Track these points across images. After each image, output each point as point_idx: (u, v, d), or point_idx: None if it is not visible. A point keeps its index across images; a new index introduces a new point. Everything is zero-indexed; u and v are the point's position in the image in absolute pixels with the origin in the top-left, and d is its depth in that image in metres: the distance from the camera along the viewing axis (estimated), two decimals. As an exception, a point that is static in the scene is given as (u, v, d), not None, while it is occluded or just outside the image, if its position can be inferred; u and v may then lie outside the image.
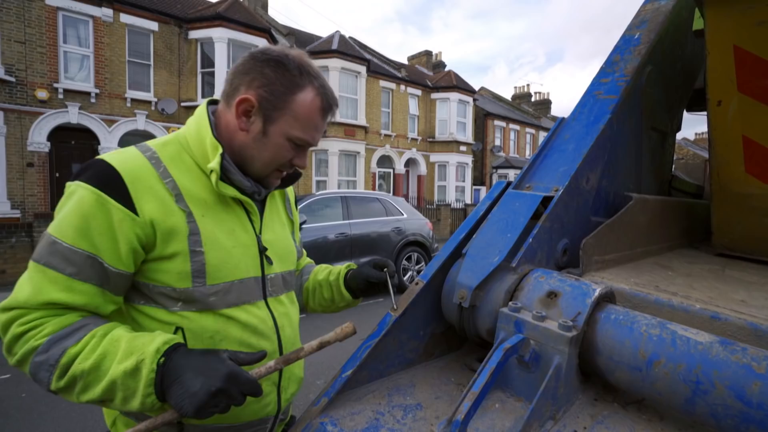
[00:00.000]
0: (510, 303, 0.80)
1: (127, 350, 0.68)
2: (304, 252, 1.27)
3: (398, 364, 0.91)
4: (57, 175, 11.05)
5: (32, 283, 0.69)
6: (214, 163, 0.81)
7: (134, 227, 0.74)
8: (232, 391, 0.68)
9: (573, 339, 0.70)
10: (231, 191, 0.86)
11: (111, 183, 0.74)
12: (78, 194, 0.73)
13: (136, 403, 0.68)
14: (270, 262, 0.94)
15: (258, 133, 0.85)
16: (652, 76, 1.33)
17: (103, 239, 0.72)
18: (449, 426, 0.60)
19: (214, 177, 0.82)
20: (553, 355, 0.71)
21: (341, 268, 1.16)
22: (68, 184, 0.76)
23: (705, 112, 1.47)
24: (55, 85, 10.58)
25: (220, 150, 0.83)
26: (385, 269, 1.05)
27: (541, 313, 0.74)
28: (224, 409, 0.69)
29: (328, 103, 0.89)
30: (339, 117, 15.48)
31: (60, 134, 10.94)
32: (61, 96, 10.68)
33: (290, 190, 1.15)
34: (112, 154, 0.79)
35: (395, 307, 0.91)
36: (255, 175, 0.91)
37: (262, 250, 0.93)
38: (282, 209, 1.09)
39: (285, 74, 0.84)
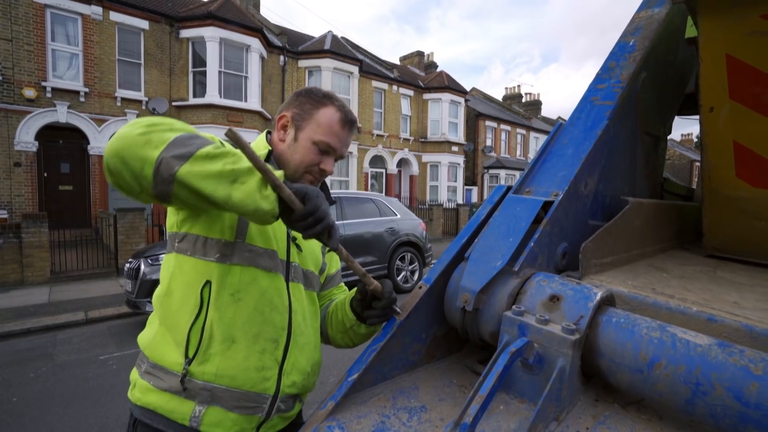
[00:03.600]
0: (513, 306, 0.81)
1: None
2: (343, 284, 1.34)
3: (401, 367, 0.92)
4: (45, 174, 10.88)
5: None
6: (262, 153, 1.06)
7: None
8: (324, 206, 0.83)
9: (576, 342, 0.72)
10: None
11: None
12: None
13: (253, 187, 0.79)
14: (299, 249, 1.12)
15: (291, 140, 1.08)
16: (647, 82, 1.35)
17: None
18: (456, 428, 0.62)
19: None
20: (556, 357, 0.72)
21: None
22: None
23: (696, 116, 1.50)
24: (43, 83, 10.41)
25: (269, 148, 1.08)
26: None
27: (544, 317, 0.76)
28: (319, 219, 0.81)
29: (346, 116, 1.10)
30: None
31: (48, 133, 10.77)
32: (49, 95, 10.51)
33: None
34: None
35: (399, 311, 0.93)
36: (290, 178, 1.09)
37: (291, 239, 1.10)
38: None
39: (312, 96, 1.10)
